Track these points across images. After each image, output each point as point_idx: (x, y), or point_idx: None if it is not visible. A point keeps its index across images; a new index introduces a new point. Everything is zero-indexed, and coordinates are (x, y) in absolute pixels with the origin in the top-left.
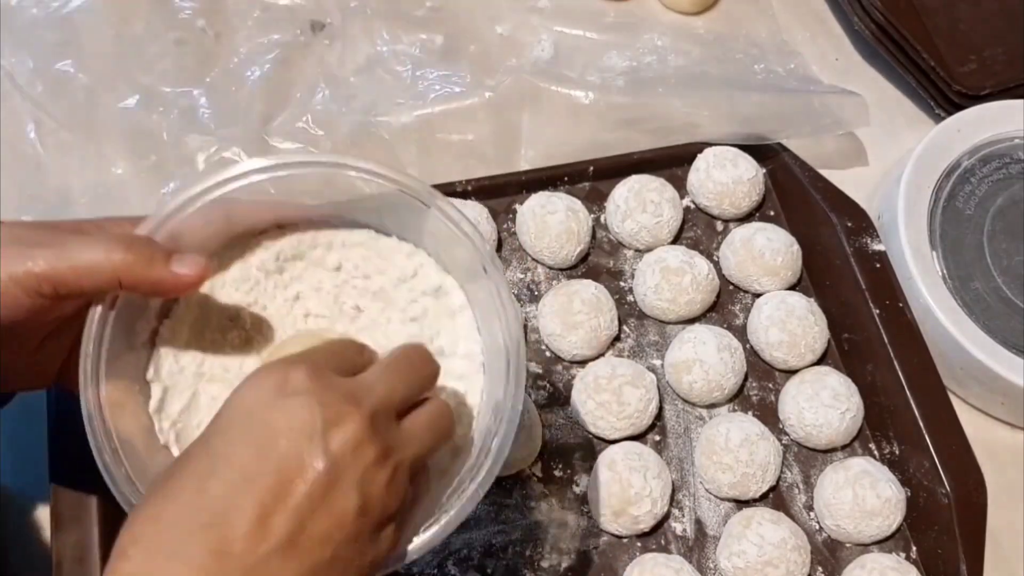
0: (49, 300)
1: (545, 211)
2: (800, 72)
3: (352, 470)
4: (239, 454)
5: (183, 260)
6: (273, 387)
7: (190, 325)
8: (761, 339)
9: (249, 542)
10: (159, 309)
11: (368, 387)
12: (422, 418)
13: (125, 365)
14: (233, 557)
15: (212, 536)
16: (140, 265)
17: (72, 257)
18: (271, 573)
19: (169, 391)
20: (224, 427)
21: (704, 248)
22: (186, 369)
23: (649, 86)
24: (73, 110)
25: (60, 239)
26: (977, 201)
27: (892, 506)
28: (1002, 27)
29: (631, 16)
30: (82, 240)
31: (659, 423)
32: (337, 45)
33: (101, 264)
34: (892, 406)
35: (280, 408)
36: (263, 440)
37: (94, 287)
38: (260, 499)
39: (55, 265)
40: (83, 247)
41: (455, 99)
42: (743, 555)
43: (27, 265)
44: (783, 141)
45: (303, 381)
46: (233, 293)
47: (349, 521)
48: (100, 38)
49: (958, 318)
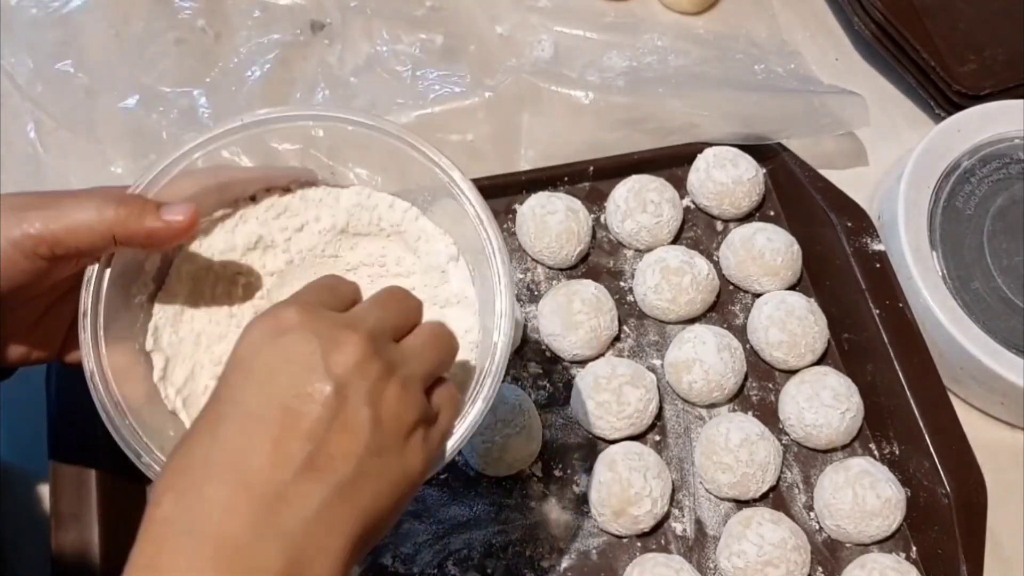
0: (46, 262)
1: (545, 211)
2: (800, 72)
3: (358, 386)
4: (244, 398)
5: (172, 208)
6: (268, 330)
7: (185, 291)
8: (761, 339)
9: (269, 472)
10: (154, 274)
11: (361, 316)
12: (420, 337)
13: (123, 329)
14: (256, 488)
15: (232, 475)
16: (132, 218)
17: (66, 216)
18: (298, 496)
19: (171, 360)
20: (228, 377)
21: (704, 248)
22: (185, 339)
23: (649, 86)
24: (73, 110)
25: (54, 202)
26: (977, 201)
27: (892, 506)
28: (1002, 27)
29: (631, 16)
30: (75, 200)
31: (659, 423)
32: (337, 45)
33: (95, 221)
34: (892, 406)
35: (276, 346)
36: (263, 378)
37: (89, 244)
38: (271, 432)
39: (50, 226)
40: (76, 207)
41: (455, 99)
42: (743, 555)
43: (23, 228)
44: (783, 141)
45: (294, 317)
46: (225, 257)
47: (366, 434)
48: (100, 38)
49: (958, 318)
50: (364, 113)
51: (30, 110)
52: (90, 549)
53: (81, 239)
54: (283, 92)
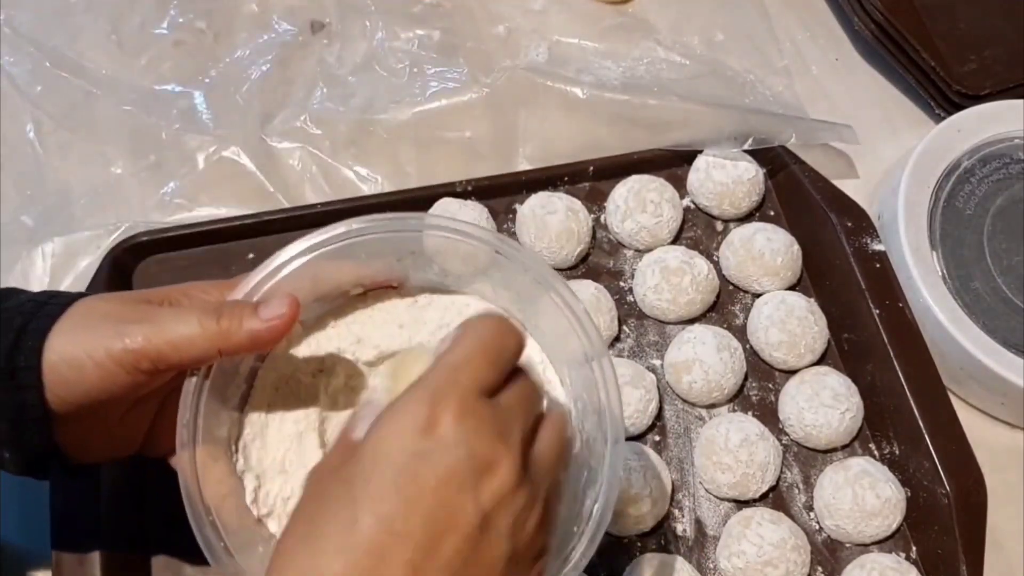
0: (146, 375)
1: (545, 211)
2: (787, 98)
3: (503, 518)
4: (386, 508)
5: (269, 305)
6: (418, 430)
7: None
8: (761, 339)
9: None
10: (247, 375)
11: (511, 419)
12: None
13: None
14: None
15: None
16: (235, 327)
17: (168, 331)
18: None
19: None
20: (367, 473)
21: (704, 248)
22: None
23: (644, 86)
24: (73, 110)
25: (153, 314)
26: (977, 201)
27: (892, 506)
28: (1002, 27)
29: (627, 19)
30: (175, 313)
31: (659, 423)
32: (336, 44)
33: (197, 335)
34: (892, 406)
35: (427, 458)
36: (411, 493)
37: (192, 359)
38: (410, 557)
39: (153, 340)
40: (178, 321)
41: (453, 95)
42: (743, 555)
43: (124, 342)
44: None
45: (450, 425)
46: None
47: (499, 570)
48: (100, 38)
49: (958, 318)
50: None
51: (30, 110)
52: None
53: (184, 354)
54: (282, 92)
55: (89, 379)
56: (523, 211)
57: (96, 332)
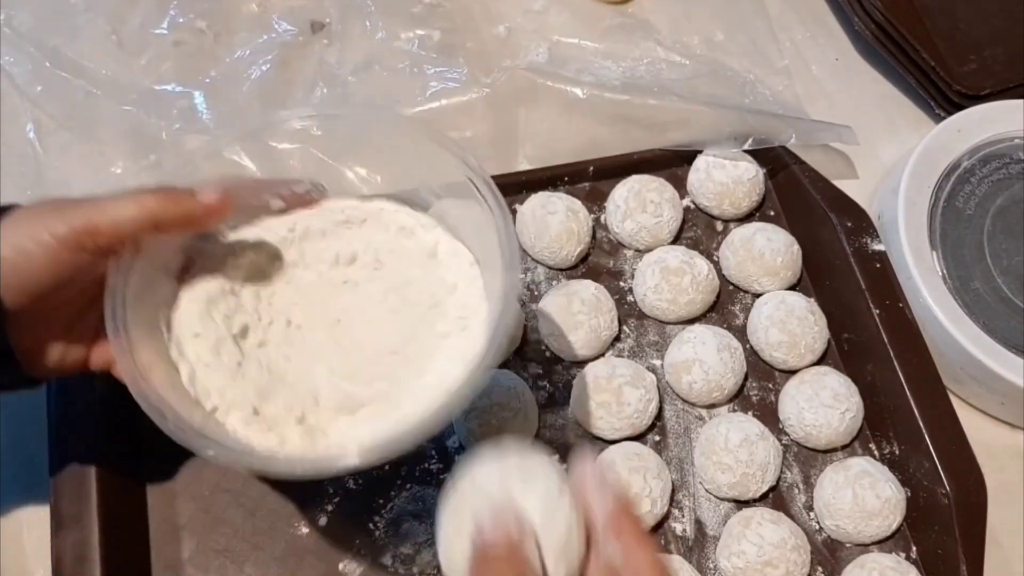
0: (90, 255)
1: (545, 211)
2: (787, 98)
3: None
4: None
5: (205, 191)
6: None
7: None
8: (761, 339)
9: None
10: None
11: None
12: None
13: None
14: None
15: None
16: (170, 203)
17: (107, 211)
18: None
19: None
20: None
21: (704, 248)
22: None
23: (644, 86)
24: (73, 110)
25: (94, 199)
26: (977, 201)
27: (892, 506)
28: (1002, 27)
29: (627, 19)
30: (114, 198)
31: (659, 423)
32: (336, 44)
33: (135, 211)
34: (892, 406)
35: None
36: None
37: (132, 233)
38: None
39: (93, 219)
40: (116, 202)
41: (453, 94)
42: (743, 555)
43: (68, 223)
44: None
45: None
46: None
47: None
48: (100, 38)
49: (958, 318)
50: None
51: (30, 110)
52: (90, 550)
53: (124, 228)
54: (282, 92)
55: (37, 264)
56: (523, 211)
57: (42, 219)
